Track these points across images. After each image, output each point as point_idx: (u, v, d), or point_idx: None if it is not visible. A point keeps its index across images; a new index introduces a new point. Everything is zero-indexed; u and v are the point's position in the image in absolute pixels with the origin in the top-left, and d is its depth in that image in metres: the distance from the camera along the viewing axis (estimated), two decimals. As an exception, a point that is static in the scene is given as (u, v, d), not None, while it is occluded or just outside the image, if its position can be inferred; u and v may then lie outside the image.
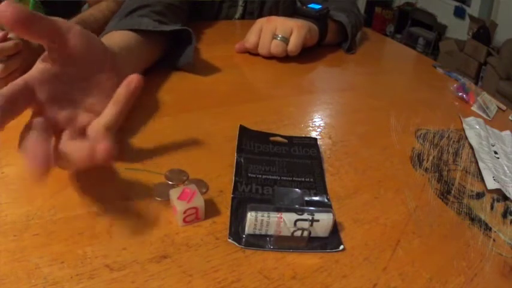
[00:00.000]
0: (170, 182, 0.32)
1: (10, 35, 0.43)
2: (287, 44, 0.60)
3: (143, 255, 0.26)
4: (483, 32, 3.16)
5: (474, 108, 0.58)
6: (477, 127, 0.51)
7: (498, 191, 0.39)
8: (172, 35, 0.50)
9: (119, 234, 0.28)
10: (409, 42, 3.79)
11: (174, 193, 0.29)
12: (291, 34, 0.60)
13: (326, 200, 0.34)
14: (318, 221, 0.28)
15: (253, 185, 0.33)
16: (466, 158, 0.44)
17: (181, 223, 0.29)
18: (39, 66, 0.29)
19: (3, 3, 0.24)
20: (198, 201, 0.29)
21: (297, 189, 0.33)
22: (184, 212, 0.28)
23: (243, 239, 0.28)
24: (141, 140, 0.38)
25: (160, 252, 0.27)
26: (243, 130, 0.41)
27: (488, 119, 0.57)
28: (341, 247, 0.29)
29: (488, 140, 0.49)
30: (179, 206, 0.28)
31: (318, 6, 0.67)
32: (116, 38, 0.43)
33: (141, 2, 0.55)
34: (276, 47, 0.60)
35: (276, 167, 0.36)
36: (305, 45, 0.62)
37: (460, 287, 0.28)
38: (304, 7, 0.67)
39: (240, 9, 0.82)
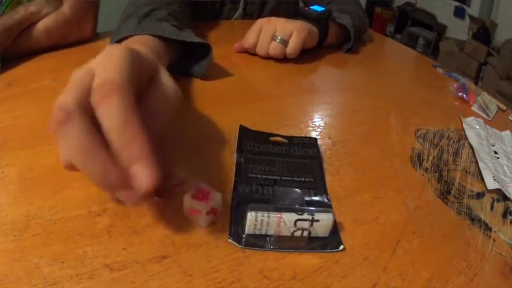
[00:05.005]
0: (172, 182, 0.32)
1: None
2: (286, 46, 0.60)
3: (143, 255, 0.26)
4: (483, 32, 3.15)
5: (474, 108, 0.58)
6: (477, 127, 0.51)
7: (498, 191, 0.39)
8: (188, 43, 0.50)
9: (118, 234, 0.28)
10: (409, 42, 3.79)
11: (188, 198, 0.28)
12: (290, 36, 0.60)
13: (326, 200, 0.34)
14: (318, 221, 0.28)
15: (253, 185, 0.33)
16: (466, 158, 0.44)
17: (204, 225, 0.29)
18: None
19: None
20: (217, 198, 0.29)
21: (297, 189, 0.33)
22: (207, 213, 0.28)
23: (243, 239, 0.28)
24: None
25: (160, 252, 0.27)
26: (243, 130, 0.41)
27: (488, 119, 0.57)
28: (341, 247, 0.29)
29: (488, 140, 0.49)
30: (201, 207, 0.28)
31: (320, 9, 0.67)
32: (150, 45, 0.43)
33: (154, 2, 0.54)
34: (274, 48, 0.60)
35: (276, 167, 0.36)
36: (304, 48, 0.62)
37: (460, 287, 0.28)
38: (306, 8, 0.67)
39: (240, 11, 0.82)
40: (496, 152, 0.47)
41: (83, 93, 0.25)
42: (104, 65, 0.27)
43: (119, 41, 0.44)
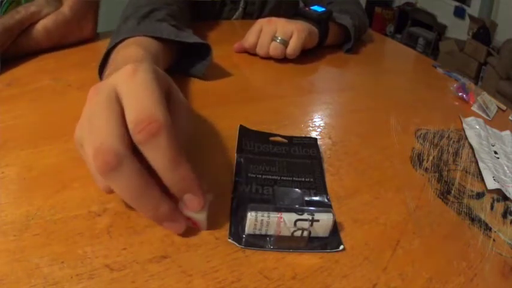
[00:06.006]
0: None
1: None
2: (286, 47, 0.60)
3: (143, 255, 0.26)
4: (483, 32, 3.15)
5: (474, 108, 0.58)
6: (477, 127, 0.51)
7: (498, 191, 0.39)
8: (188, 43, 0.50)
9: (118, 234, 0.28)
10: (409, 42, 3.79)
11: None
12: (290, 37, 0.60)
13: (326, 200, 0.34)
14: (318, 221, 0.28)
15: (253, 185, 0.33)
16: (466, 158, 0.44)
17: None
18: None
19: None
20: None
21: (297, 189, 0.33)
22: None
23: (243, 239, 0.28)
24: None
25: (160, 252, 0.27)
26: (243, 130, 0.41)
27: (488, 119, 0.57)
28: (341, 247, 0.29)
29: (488, 140, 0.49)
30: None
31: (320, 9, 0.67)
32: (147, 47, 0.43)
33: (153, 2, 0.54)
34: (274, 49, 0.60)
35: (276, 167, 0.36)
36: (304, 48, 0.62)
37: (460, 287, 0.28)
38: (307, 9, 0.67)
39: (240, 11, 0.82)
40: (496, 152, 0.47)
41: (122, 128, 0.24)
42: (134, 92, 0.26)
43: (118, 43, 0.44)
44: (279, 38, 0.59)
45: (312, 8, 0.67)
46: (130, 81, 0.26)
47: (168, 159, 0.25)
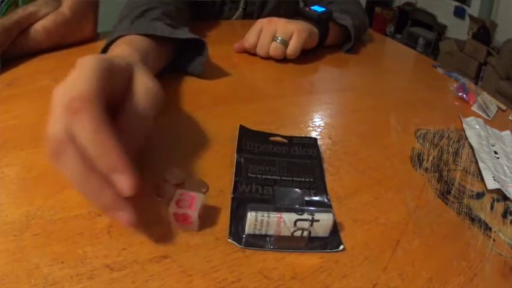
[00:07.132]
0: (172, 182, 0.32)
1: None
2: (286, 47, 0.60)
3: (143, 255, 0.26)
4: (483, 32, 3.15)
5: (474, 108, 0.58)
6: (477, 127, 0.51)
7: (498, 191, 0.39)
8: (183, 40, 0.50)
9: (118, 234, 0.28)
10: (409, 42, 3.79)
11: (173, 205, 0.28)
12: (290, 37, 0.60)
13: (326, 200, 0.34)
14: (318, 221, 0.28)
15: (253, 185, 0.33)
16: (466, 158, 0.44)
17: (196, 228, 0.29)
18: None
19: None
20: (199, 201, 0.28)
21: (297, 189, 0.33)
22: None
23: (243, 239, 0.28)
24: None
25: (160, 252, 0.27)
26: (243, 130, 0.41)
27: (488, 119, 0.57)
28: (341, 247, 0.29)
29: (488, 140, 0.49)
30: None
31: (321, 9, 0.67)
32: (136, 44, 0.43)
33: (149, 2, 0.54)
34: (275, 49, 0.60)
35: (276, 167, 0.36)
36: (304, 48, 0.62)
37: (460, 287, 0.28)
38: (307, 9, 0.67)
39: (240, 11, 0.82)
40: (496, 152, 0.47)
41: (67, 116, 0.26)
42: (74, 79, 0.27)
43: (111, 43, 0.44)
44: (279, 38, 0.59)
45: (312, 8, 0.67)
46: (75, 70, 0.28)
47: (88, 134, 0.25)
